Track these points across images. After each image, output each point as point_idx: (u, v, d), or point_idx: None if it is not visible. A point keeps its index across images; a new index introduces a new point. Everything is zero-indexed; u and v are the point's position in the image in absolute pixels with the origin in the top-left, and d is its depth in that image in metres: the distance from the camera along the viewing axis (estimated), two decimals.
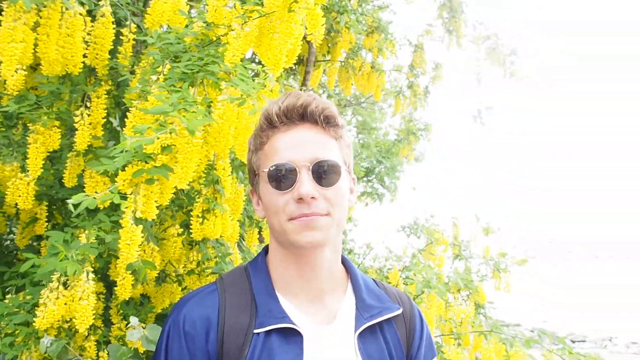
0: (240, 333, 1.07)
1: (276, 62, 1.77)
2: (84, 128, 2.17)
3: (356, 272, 1.25)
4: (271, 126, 1.14)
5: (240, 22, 1.74)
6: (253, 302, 1.12)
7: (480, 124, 7.82)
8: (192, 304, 1.13)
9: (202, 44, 1.91)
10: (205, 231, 2.17)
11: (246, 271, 1.20)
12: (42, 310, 1.70)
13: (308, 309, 1.14)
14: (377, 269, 4.44)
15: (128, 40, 2.29)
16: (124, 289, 1.89)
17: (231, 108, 1.67)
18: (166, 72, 1.80)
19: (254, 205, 1.22)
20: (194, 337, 1.08)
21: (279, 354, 1.06)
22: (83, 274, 1.70)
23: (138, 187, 1.60)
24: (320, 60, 5.27)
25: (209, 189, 2.24)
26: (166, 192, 1.66)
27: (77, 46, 2.03)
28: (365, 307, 1.17)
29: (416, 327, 1.24)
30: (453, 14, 5.99)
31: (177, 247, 2.27)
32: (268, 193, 1.12)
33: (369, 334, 1.15)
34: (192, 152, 1.61)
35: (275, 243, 1.18)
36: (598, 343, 12.87)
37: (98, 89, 2.23)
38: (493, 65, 6.55)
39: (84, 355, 2.12)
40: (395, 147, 7.19)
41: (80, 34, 2.05)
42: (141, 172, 1.56)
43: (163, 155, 1.60)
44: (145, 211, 1.62)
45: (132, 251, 1.60)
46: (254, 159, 1.18)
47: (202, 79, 1.77)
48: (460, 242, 4.21)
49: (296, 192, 1.08)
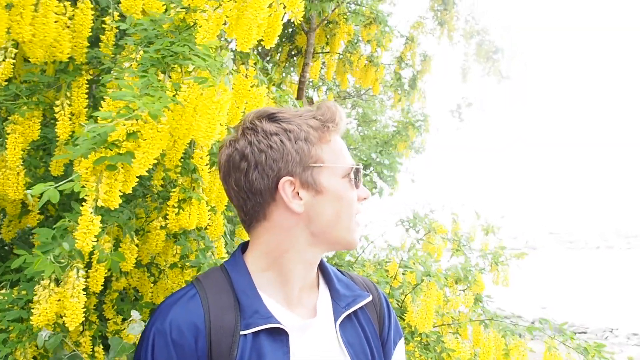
0: (228, 335, 1.06)
1: (245, 40, 1.74)
2: (64, 118, 2.13)
3: (325, 262, 1.26)
4: (334, 125, 1.15)
5: (213, 4, 1.70)
6: (236, 303, 1.10)
7: (458, 119, 7.81)
8: (177, 310, 1.08)
9: (179, 30, 1.87)
10: (181, 221, 2.13)
11: (224, 271, 1.17)
12: (37, 308, 1.68)
13: (290, 304, 1.15)
14: (375, 262, 4.43)
15: (110, 28, 2.24)
16: (95, 282, 1.88)
17: (196, 89, 1.63)
18: (139, 59, 1.76)
19: (288, 197, 1.11)
20: (183, 346, 1.04)
21: (267, 353, 1.06)
22: (73, 271, 1.67)
23: (101, 175, 1.56)
24: (319, 52, 5.24)
25: (186, 179, 2.19)
26: (130, 180, 1.62)
27: (50, 27, 1.97)
28: (340, 296, 1.21)
29: (385, 312, 1.29)
30: (445, 6, 5.95)
31: (159, 240, 2.23)
32: (344, 188, 1.14)
33: (347, 323, 1.19)
34: (156, 137, 1.56)
35: (302, 241, 1.15)
36: (599, 334, 12.89)
37: (79, 78, 2.18)
38: (479, 61, 6.52)
39: (80, 351, 2.11)
40: (394, 139, 7.16)
41: (56, 16, 1.99)
42: (103, 160, 1.53)
43: (129, 142, 1.56)
44: (108, 200, 1.57)
45: (87, 240, 1.55)
46: (313, 150, 1.13)
47: (172, 64, 1.73)
48: (459, 237, 4.20)
49: (363, 192, 1.19)
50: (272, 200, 1.13)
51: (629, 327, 13.24)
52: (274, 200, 1.12)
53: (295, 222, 1.13)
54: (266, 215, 1.14)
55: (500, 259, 3.80)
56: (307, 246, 1.15)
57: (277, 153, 1.11)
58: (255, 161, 1.11)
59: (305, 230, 1.14)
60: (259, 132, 1.12)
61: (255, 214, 1.15)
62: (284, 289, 1.16)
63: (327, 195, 1.13)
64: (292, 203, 1.11)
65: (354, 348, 1.16)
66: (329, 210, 1.13)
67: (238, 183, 1.13)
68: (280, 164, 1.11)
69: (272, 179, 1.11)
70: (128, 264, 2.13)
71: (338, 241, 1.16)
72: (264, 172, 1.11)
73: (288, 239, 1.14)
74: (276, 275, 1.15)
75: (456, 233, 4.27)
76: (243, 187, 1.13)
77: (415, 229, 4.31)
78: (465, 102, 7.77)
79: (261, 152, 1.11)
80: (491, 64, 6.48)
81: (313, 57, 4.97)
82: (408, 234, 4.43)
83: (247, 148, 1.12)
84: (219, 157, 1.19)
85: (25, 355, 1.83)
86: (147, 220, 2.34)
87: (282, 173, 1.11)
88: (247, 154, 1.12)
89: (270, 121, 1.14)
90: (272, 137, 1.11)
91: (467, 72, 6.74)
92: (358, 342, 1.17)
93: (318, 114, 1.16)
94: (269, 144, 1.11)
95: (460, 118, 7.80)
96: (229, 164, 1.14)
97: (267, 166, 1.11)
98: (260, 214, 1.14)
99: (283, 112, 1.16)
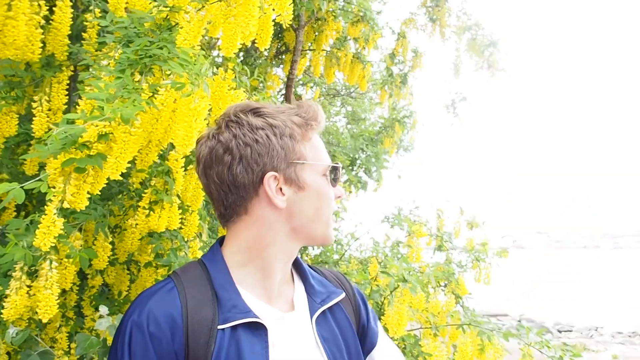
0: (205, 329, 1.05)
1: (230, 45, 1.73)
2: (42, 115, 2.09)
3: (298, 257, 1.26)
4: (316, 124, 1.17)
5: (195, 6, 1.69)
6: (214, 297, 1.09)
7: (453, 114, 7.76)
8: (154, 302, 1.07)
9: (160, 29, 1.85)
10: (150, 223, 2.11)
11: (201, 265, 1.16)
12: (8, 301, 1.66)
13: (270, 298, 1.15)
14: (360, 260, 4.44)
15: (92, 26, 2.21)
16: (64, 279, 1.85)
17: (173, 94, 1.60)
18: (117, 57, 1.73)
19: (272, 192, 1.11)
20: (160, 338, 1.03)
21: (246, 347, 1.05)
22: (46, 263, 1.65)
23: (69, 177, 1.54)
24: (306, 49, 5.23)
25: (160, 180, 2.17)
26: (99, 182, 1.60)
27: (21, 29, 1.95)
28: (315, 292, 1.22)
29: (360, 303, 1.32)
30: (437, 2, 5.93)
31: (135, 239, 2.20)
32: (324, 185, 1.16)
33: (322, 319, 1.19)
34: (129, 141, 1.54)
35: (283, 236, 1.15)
36: (584, 332, 13.01)
37: (59, 75, 2.16)
38: (472, 56, 6.50)
39: (55, 347, 2.09)
40: (380, 136, 7.15)
41: (24, 18, 1.97)
42: (72, 162, 1.50)
43: (99, 144, 1.54)
44: (74, 202, 1.56)
45: (46, 241, 1.54)
46: (297, 147, 1.13)
47: (150, 65, 1.70)
48: (443, 234, 4.20)
49: (339, 191, 1.21)
50: (254, 195, 1.12)
51: (613, 326, 13.38)
52: (257, 195, 1.12)
53: (276, 217, 1.13)
54: (247, 210, 1.13)
55: (481, 256, 3.80)
56: (288, 240, 1.16)
57: (262, 147, 1.10)
58: (240, 154, 1.10)
59: (286, 226, 1.14)
60: (244, 126, 1.11)
61: (236, 208, 1.13)
62: (263, 283, 1.15)
63: (308, 192, 1.14)
64: (276, 198, 1.11)
65: (329, 343, 1.16)
66: (309, 207, 1.14)
67: (220, 176, 1.12)
68: (265, 158, 1.10)
69: (256, 173, 1.10)
70: (101, 262, 2.11)
71: (316, 236, 1.18)
72: (249, 166, 1.10)
73: (269, 233, 1.14)
74: (256, 269, 1.15)
75: (440, 229, 4.27)
76: (226, 180, 1.11)
77: (400, 225, 4.30)
78: (459, 97, 7.71)
79: (246, 146, 1.10)
80: (485, 58, 6.46)
81: (300, 54, 4.95)
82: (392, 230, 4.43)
83: (232, 141, 1.10)
84: (198, 149, 1.17)
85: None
86: (123, 218, 2.32)
87: (267, 168, 1.11)
88: (231, 147, 1.10)
89: (255, 115, 1.13)
90: (258, 131, 1.11)
91: (459, 67, 6.73)
92: (332, 337, 1.18)
93: (301, 112, 1.16)
94: (255, 138, 1.10)
95: (455, 113, 7.74)
96: (211, 157, 1.12)
97: (252, 160, 1.10)
98: (241, 208, 1.13)
99: (266, 108, 1.15)
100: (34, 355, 1.83)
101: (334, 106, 8.74)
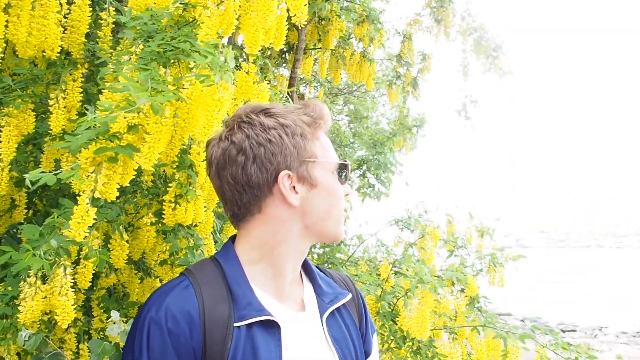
0: (222, 326, 1.06)
1: (253, 42, 1.74)
2: (59, 112, 2.11)
3: (307, 259, 1.28)
4: (324, 122, 1.19)
5: (215, 1, 1.69)
6: (229, 294, 1.10)
7: (464, 117, 7.74)
8: (171, 299, 1.08)
9: (178, 25, 1.85)
10: (177, 217, 2.11)
11: (215, 263, 1.17)
12: (23, 306, 1.65)
13: (281, 297, 1.17)
14: (367, 260, 4.42)
15: (107, 24, 2.22)
16: (83, 278, 1.86)
17: (199, 87, 1.61)
18: (139, 52, 1.75)
19: (287, 190, 1.13)
20: (179, 335, 1.04)
21: (261, 345, 1.07)
22: (60, 269, 1.64)
23: (100, 167, 1.54)
24: (311, 48, 5.21)
25: (182, 174, 2.18)
26: (128, 173, 1.61)
27: (51, 28, 1.97)
28: (324, 293, 1.24)
29: (362, 308, 1.34)
30: (442, 3, 5.92)
31: (150, 237, 2.22)
32: (334, 182, 1.18)
33: (332, 319, 1.21)
34: (161, 132, 1.55)
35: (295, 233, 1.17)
36: (588, 332, 12.99)
37: (74, 72, 2.17)
38: (479, 58, 6.49)
39: (64, 348, 2.08)
40: (389, 142, 7.16)
41: (55, 16, 1.99)
42: (104, 150, 1.51)
43: (129, 135, 1.55)
44: (105, 192, 1.56)
45: (80, 231, 1.54)
46: (308, 146, 1.15)
47: (174, 59, 1.72)
48: (455, 239, 4.20)
49: (348, 189, 1.23)
50: (269, 194, 1.13)
51: (618, 326, 13.35)
52: (271, 194, 1.14)
53: (290, 215, 1.15)
54: (261, 209, 1.15)
55: (499, 260, 3.80)
56: (299, 238, 1.18)
57: (276, 147, 1.12)
58: (253, 154, 1.11)
59: (299, 223, 1.16)
60: (256, 126, 1.13)
61: (250, 208, 1.15)
62: (275, 282, 1.17)
63: (320, 190, 1.16)
64: (290, 197, 1.13)
65: (340, 343, 1.18)
66: (322, 204, 1.17)
67: (234, 177, 1.13)
68: (279, 157, 1.12)
69: (270, 172, 1.12)
70: (120, 261, 2.12)
71: (328, 233, 1.19)
72: (263, 166, 1.12)
73: (282, 231, 1.15)
74: (268, 267, 1.16)
75: (452, 234, 4.27)
76: (240, 180, 1.12)
77: (410, 228, 4.28)
78: (469, 99, 7.68)
79: (260, 146, 1.12)
80: (491, 60, 6.45)
81: (305, 53, 4.94)
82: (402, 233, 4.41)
83: (245, 141, 1.12)
84: (209, 151, 1.18)
85: (9, 352, 1.80)
86: (136, 216, 2.33)
87: (280, 167, 1.13)
88: (245, 147, 1.12)
89: (267, 116, 1.15)
90: (270, 131, 1.13)
91: (467, 70, 6.72)
92: (342, 337, 1.20)
93: (309, 111, 1.18)
94: (268, 138, 1.12)
95: (467, 117, 7.72)
96: (225, 158, 1.14)
97: (266, 159, 1.12)
98: (255, 207, 1.15)
99: (275, 108, 1.17)
100: (45, 358, 1.81)
101: (336, 105, 8.74)
